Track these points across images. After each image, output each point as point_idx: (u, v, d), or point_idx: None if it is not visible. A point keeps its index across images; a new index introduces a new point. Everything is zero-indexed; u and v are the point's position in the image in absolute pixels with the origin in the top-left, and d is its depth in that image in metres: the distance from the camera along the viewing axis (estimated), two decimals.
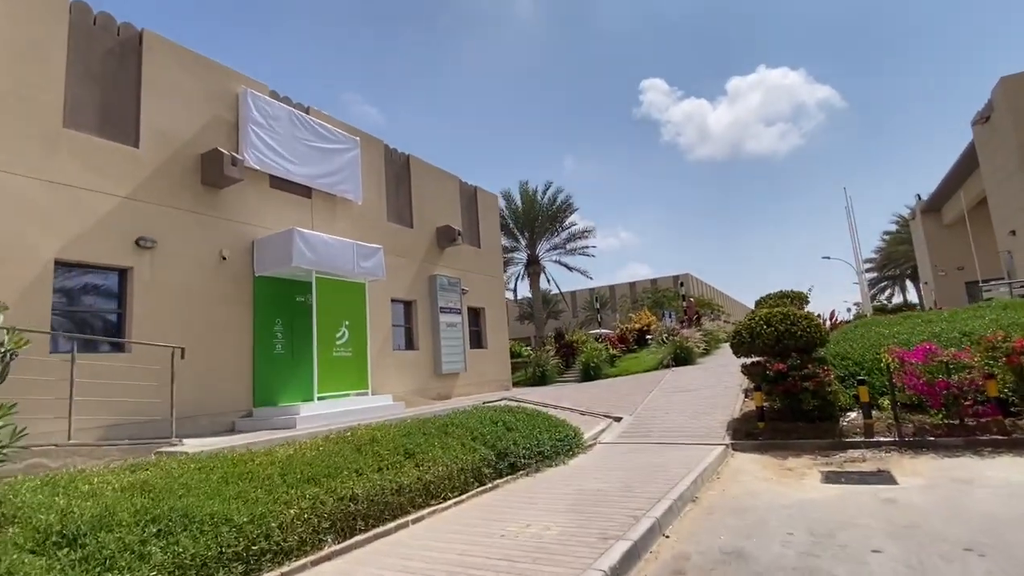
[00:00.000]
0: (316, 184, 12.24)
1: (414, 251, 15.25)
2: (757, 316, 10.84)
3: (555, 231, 29.58)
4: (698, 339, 18.95)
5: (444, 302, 15.72)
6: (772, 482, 7.07)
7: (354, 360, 11.17)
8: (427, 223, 15.91)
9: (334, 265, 10.88)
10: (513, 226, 29.41)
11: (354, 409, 10.40)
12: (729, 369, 15.40)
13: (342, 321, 11.06)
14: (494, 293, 18.75)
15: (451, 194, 17.33)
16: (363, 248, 11.60)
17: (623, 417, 11.75)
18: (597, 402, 13.33)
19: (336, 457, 5.82)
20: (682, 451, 8.80)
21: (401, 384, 13.92)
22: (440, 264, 16.19)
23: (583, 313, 64.26)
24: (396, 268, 14.41)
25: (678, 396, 13.10)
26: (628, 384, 15.84)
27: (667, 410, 11.93)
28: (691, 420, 10.96)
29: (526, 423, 8.87)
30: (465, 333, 16.56)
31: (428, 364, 15.07)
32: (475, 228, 18.49)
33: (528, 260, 29.95)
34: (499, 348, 18.58)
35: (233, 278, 10.39)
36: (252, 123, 10.90)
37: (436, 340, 15.34)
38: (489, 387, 17.50)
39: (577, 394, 14.94)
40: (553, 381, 20.76)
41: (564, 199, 29.20)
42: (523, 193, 29.31)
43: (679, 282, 24.37)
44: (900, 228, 48.92)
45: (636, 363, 20.03)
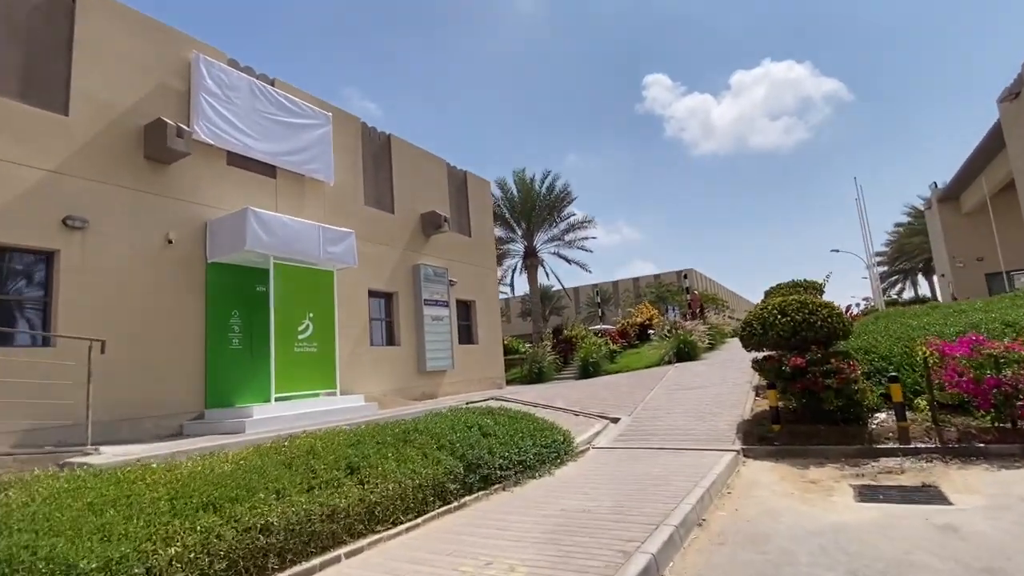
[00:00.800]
0: (280, 162, 11.11)
1: (395, 238, 14.11)
2: (770, 305, 9.65)
3: (553, 222, 28.21)
4: (702, 333, 17.75)
5: (429, 294, 14.58)
6: (794, 499, 5.91)
7: (319, 356, 10.05)
8: (410, 208, 14.77)
9: (296, 249, 9.75)
10: (509, 216, 28.08)
11: (317, 411, 9.29)
12: (737, 365, 14.20)
13: (305, 312, 9.94)
14: (486, 285, 17.61)
15: (438, 178, 16.18)
16: (331, 232, 10.47)
17: (621, 418, 10.59)
18: (594, 401, 12.17)
19: (254, 474, 4.68)
20: (686, 458, 7.63)
21: (379, 383, 12.80)
22: (425, 253, 15.05)
23: (586, 309, 63.09)
24: (375, 257, 13.29)
25: (682, 394, 11.92)
26: (628, 381, 14.67)
27: (669, 410, 10.76)
28: (696, 422, 9.79)
29: (507, 427, 7.72)
30: (453, 327, 15.42)
31: (411, 361, 13.94)
32: (465, 215, 17.33)
33: (525, 252, 28.61)
34: (491, 344, 17.44)
35: (182, 264, 9.28)
36: (205, 92, 9.77)
37: (420, 335, 14.21)
38: (480, 385, 16.36)
39: (573, 392, 13.79)
40: (550, 379, 19.61)
41: (562, 188, 27.92)
42: (519, 181, 28.04)
43: (683, 275, 23.09)
44: (913, 219, 47.41)
45: (637, 359, 18.86)
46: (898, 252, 49.70)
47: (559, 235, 28.61)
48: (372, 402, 10.59)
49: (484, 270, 17.67)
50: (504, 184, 27.96)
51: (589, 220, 28.13)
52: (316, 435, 6.13)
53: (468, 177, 17.72)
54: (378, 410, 10.50)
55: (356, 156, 13.28)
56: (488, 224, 18.53)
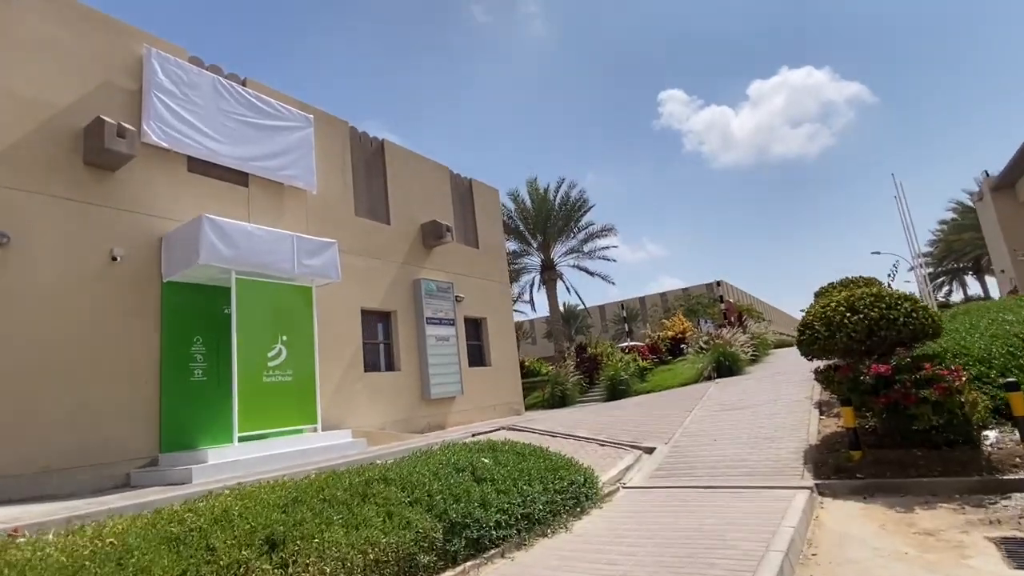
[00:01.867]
0: (252, 168, 9.87)
1: (392, 251, 12.73)
2: (834, 302, 7.86)
3: (571, 232, 26.54)
4: (744, 343, 15.78)
5: (432, 311, 13.10)
6: (912, 563, 4.12)
7: (296, 386, 8.59)
8: (409, 219, 13.41)
9: (264, 263, 8.40)
10: (523, 229, 26.52)
11: (290, 451, 7.79)
12: (789, 378, 12.26)
13: (277, 335, 8.53)
14: (498, 300, 16.07)
15: (439, 187, 14.84)
16: (307, 242, 9.11)
17: (656, 447, 8.82)
18: (623, 427, 10.41)
19: (112, 564, 3.15)
20: (747, 501, 5.87)
21: (376, 414, 11.28)
22: (427, 266, 13.63)
23: (612, 327, 60.94)
24: (368, 272, 11.91)
25: (728, 416, 10.07)
26: (663, 401, 12.83)
27: (716, 435, 8.94)
28: (751, 450, 7.97)
29: (511, 467, 6.08)
30: (461, 348, 13.88)
31: (413, 388, 12.41)
32: (471, 226, 15.91)
33: (543, 266, 26.89)
34: (506, 365, 15.80)
35: (131, 284, 7.99)
36: (158, 90, 8.62)
37: (423, 358, 12.69)
38: (495, 412, 14.70)
39: (598, 417, 12.02)
40: (574, 402, 17.81)
41: (578, 196, 26.18)
42: (532, 191, 26.49)
43: (716, 283, 21.16)
44: (959, 216, 44.42)
45: (671, 376, 16.96)
46: (945, 251, 46.50)
47: (578, 246, 26.89)
48: (361, 438, 9.05)
49: (495, 284, 16.15)
50: (516, 196, 26.64)
51: (609, 228, 26.41)
52: (242, 491, 4.59)
53: (474, 185, 16.36)
54: (367, 447, 8.95)
55: (344, 162, 12.03)
56: (498, 234, 17.08)
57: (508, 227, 25.68)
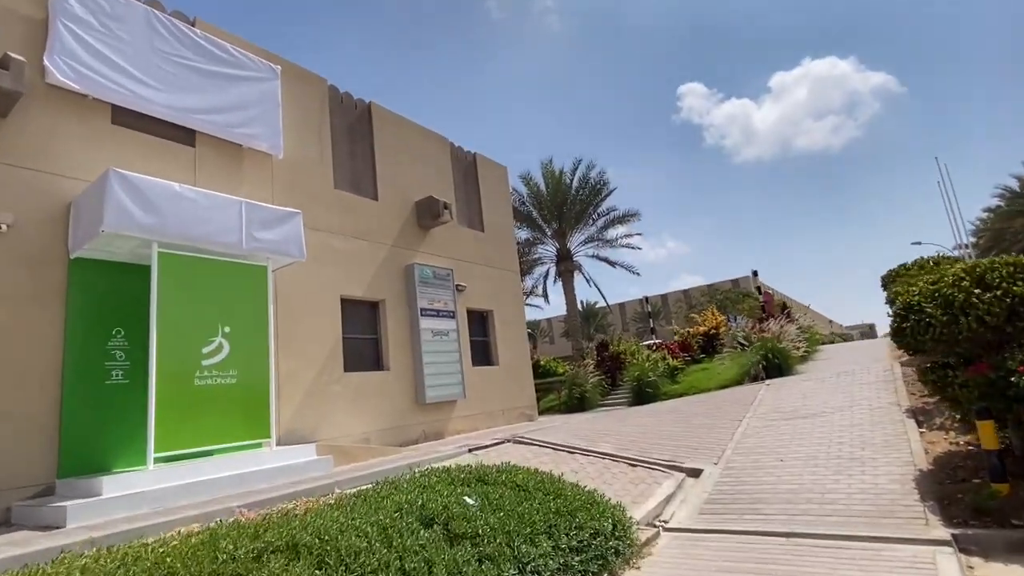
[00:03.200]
0: (199, 123, 8.08)
1: (380, 231, 10.88)
2: (950, 276, 5.77)
3: (589, 218, 24.26)
4: (795, 337, 13.58)
5: (428, 301, 11.21)
6: None
7: (241, 391, 6.75)
8: (400, 195, 11.55)
9: (200, 234, 6.58)
10: (537, 215, 24.25)
11: (224, 478, 5.96)
12: (859, 378, 10.09)
13: (217, 327, 6.70)
14: (506, 290, 14.12)
15: (437, 160, 12.95)
16: (261, 210, 7.28)
17: (703, 469, 6.82)
18: (657, 440, 8.41)
19: None
20: (860, 569, 3.85)
21: (359, 422, 9.43)
22: (422, 250, 11.75)
23: (634, 325, 58.64)
24: (350, 254, 10.08)
25: (792, 427, 8.00)
26: (701, 407, 10.77)
27: (781, 453, 6.89)
28: (836, 476, 5.93)
29: (506, 511, 4.16)
30: (463, 345, 11.97)
31: (405, 390, 10.53)
32: (476, 207, 14.00)
33: (558, 256, 24.57)
34: (517, 365, 13.85)
35: (24, 261, 6.24)
36: (66, 18, 6.86)
37: (416, 355, 10.81)
38: (503, 418, 12.77)
39: (625, 426, 10.02)
40: (595, 405, 15.79)
41: (598, 177, 23.43)
42: (547, 174, 24.11)
43: (752, 272, 18.92)
44: (1005, 202, 41.18)
45: (706, 376, 14.85)
46: (993, 240, 43.17)
47: (597, 234, 24.42)
48: (328, 455, 7.18)
49: (503, 272, 14.21)
50: (529, 179, 24.30)
51: (632, 213, 24.01)
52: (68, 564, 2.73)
53: (479, 160, 14.44)
54: (334, 468, 7.08)
55: (321, 126, 10.20)
56: (506, 217, 15.12)
57: (520, 214, 23.53)
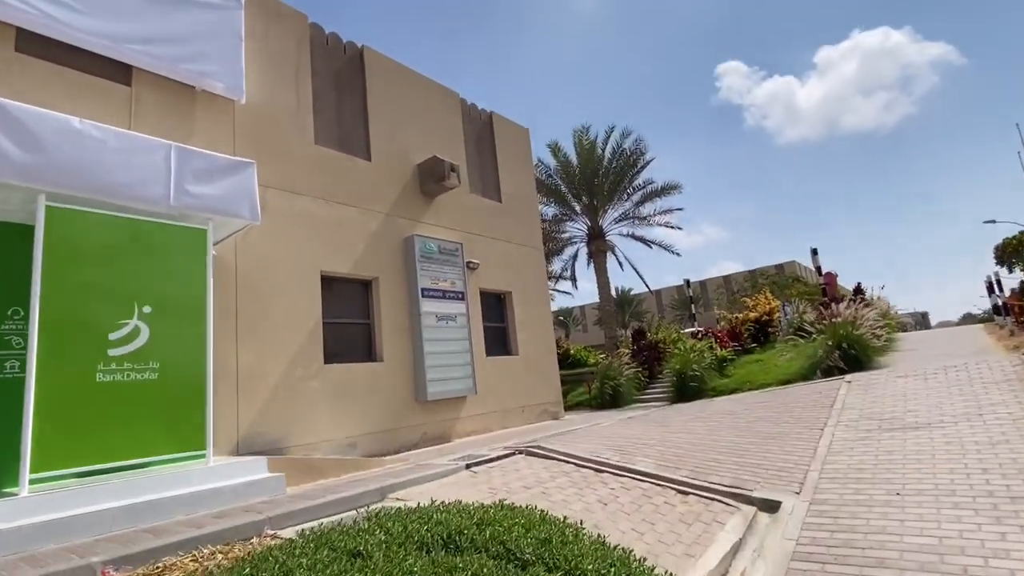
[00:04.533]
0: (135, 55, 6.54)
1: (373, 196, 9.22)
2: None
3: (623, 192, 21.69)
4: (873, 322, 11.22)
5: (431, 280, 9.52)
6: None
7: (164, 389, 5.20)
8: (399, 155, 9.86)
9: (105, 184, 5.03)
10: (566, 189, 21.94)
11: (124, 507, 4.41)
12: (973, 373, 7.88)
13: (132, 305, 5.15)
14: (527, 269, 12.32)
15: (445, 118, 11.19)
16: (198, 158, 5.67)
17: (781, 502, 4.91)
18: (713, 453, 6.51)
19: None
20: None
21: (342, 424, 7.84)
22: (426, 220, 10.05)
23: (672, 312, 56.01)
24: (335, 223, 8.46)
25: (902, 442, 5.94)
26: (764, 409, 8.77)
27: (893, 481, 4.90)
28: (998, 527, 3.95)
29: None
30: (475, 332, 10.26)
31: (402, 385, 8.89)
32: (491, 172, 12.20)
33: (589, 234, 22.17)
34: (539, 354, 12.07)
35: None
36: None
37: (416, 343, 9.15)
38: (523, 417, 11.04)
39: (669, 432, 8.14)
40: (630, 401, 13.89)
41: (633, 146, 21.00)
42: (578, 143, 21.54)
43: (812, 250, 16.46)
44: None
45: (762, 369, 12.74)
46: None
47: (632, 209, 22.01)
48: (280, 473, 5.56)
49: (525, 249, 12.40)
50: (557, 149, 21.77)
51: (673, 186, 21.51)
52: None
53: (496, 121, 12.61)
54: (288, 490, 5.48)
55: (300, 69, 8.56)
56: (528, 186, 13.26)
57: (547, 188, 21.44)
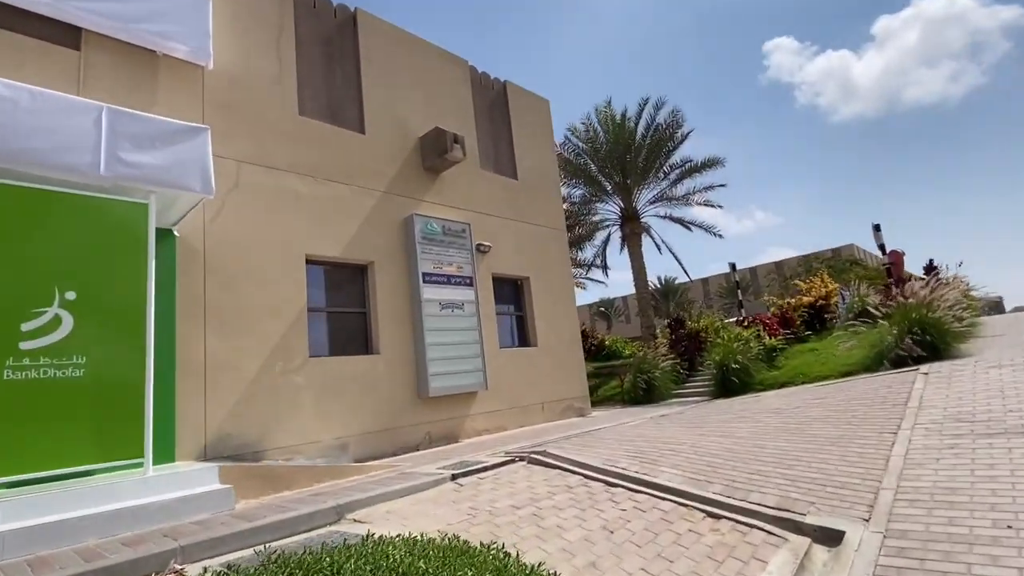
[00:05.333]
0: (81, 15, 5.86)
1: (368, 173, 8.37)
2: None
3: (659, 170, 19.71)
4: (954, 304, 9.51)
5: (433, 263, 8.61)
6: None
7: (93, 388, 4.47)
8: (398, 128, 8.97)
9: (19, 149, 4.32)
10: (595, 169, 20.10)
11: (13, 531, 3.67)
12: None
13: (51, 290, 4.43)
14: (547, 252, 11.24)
15: (452, 87, 10.22)
16: (135, 121, 4.91)
17: (843, 532, 3.73)
18: (752, 463, 5.30)
19: None
20: None
21: (331, 424, 7.03)
22: (429, 199, 9.13)
23: (719, 301, 53.44)
24: (324, 202, 7.65)
25: (1007, 452, 4.58)
26: (820, 406, 7.44)
27: (1000, 506, 3.61)
28: None
29: None
30: (488, 321, 9.29)
31: (401, 381, 8.03)
32: (506, 147, 11.16)
33: (622, 217, 20.38)
34: (562, 345, 11.00)
35: None
36: None
37: (417, 333, 8.26)
38: (542, 414, 10.02)
39: (704, 435, 6.95)
40: (667, 396, 12.63)
41: (668, 118, 18.80)
42: (604, 119, 19.19)
43: (875, 226, 14.57)
44: None
45: (818, 359, 11.23)
46: None
47: (668, 189, 20.14)
48: (228, 486, 4.76)
49: (544, 231, 11.33)
50: (588, 125, 19.76)
51: (714, 160, 19.49)
52: None
53: (510, 90, 11.54)
54: (238, 507, 4.67)
55: (282, 34, 7.77)
56: (548, 161, 12.14)
57: (574, 166, 19.95)
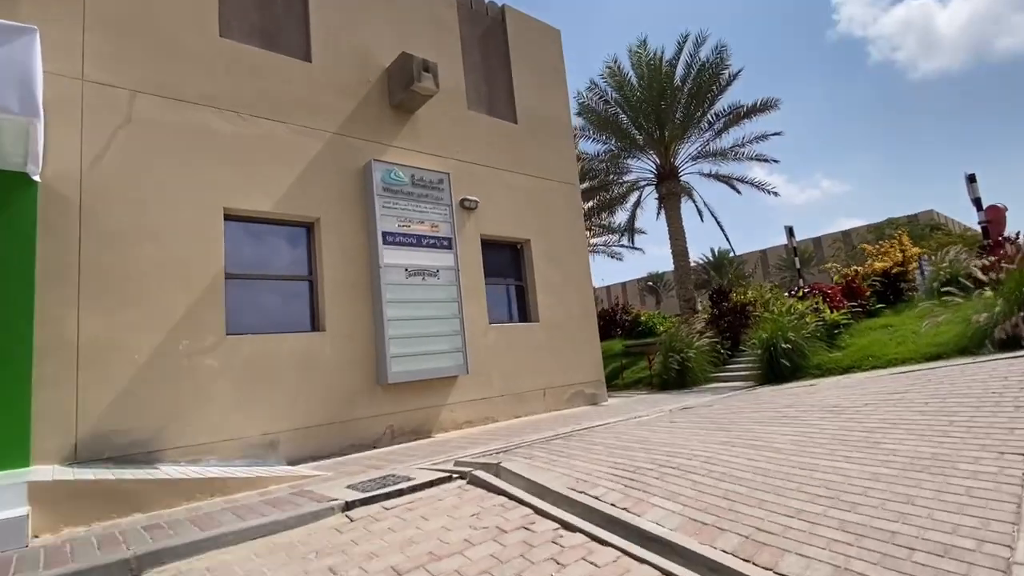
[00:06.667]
0: None
1: (314, 110, 6.85)
2: None
3: (702, 119, 16.76)
4: None
5: (399, 222, 7.05)
6: None
7: None
8: (357, 56, 7.38)
9: None
10: (626, 120, 17.27)
11: None
12: None
13: None
14: (556, 211, 9.46)
15: (431, 8, 8.49)
16: None
17: None
18: (785, 492, 3.47)
19: None
20: None
21: (256, 416, 5.68)
22: (397, 143, 7.54)
23: (778, 274, 49.60)
24: (251, 144, 6.21)
25: None
26: (894, 402, 5.42)
27: None
28: None
29: None
30: (470, 290, 7.70)
31: (355, 362, 6.58)
32: (502, 84, 9.37)
33: (658, 175, 17.62)
34: (570, 320, 9.27)
35: None
36: None
37: (376, 307, 6.77)
38: (543, 402, 8.40)
39: (726, 441, 5.10)
40: (703, 380, 10.69)
41: (712, 57, 15.77)
42: (638, 61, 16.31)
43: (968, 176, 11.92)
44: None
45: (893, 338, 8.99)
46: None
47: (712, 140, 17.23)
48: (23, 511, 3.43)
49: (550, 184, 9.53)
50: (615, 69, 16.72)
51: (768, 102, 16.17)
52: None
53: (510, 17, 9.69)
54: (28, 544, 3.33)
55: None
56: (557, 103, 10.22)
57: (600, 118, 17.61)
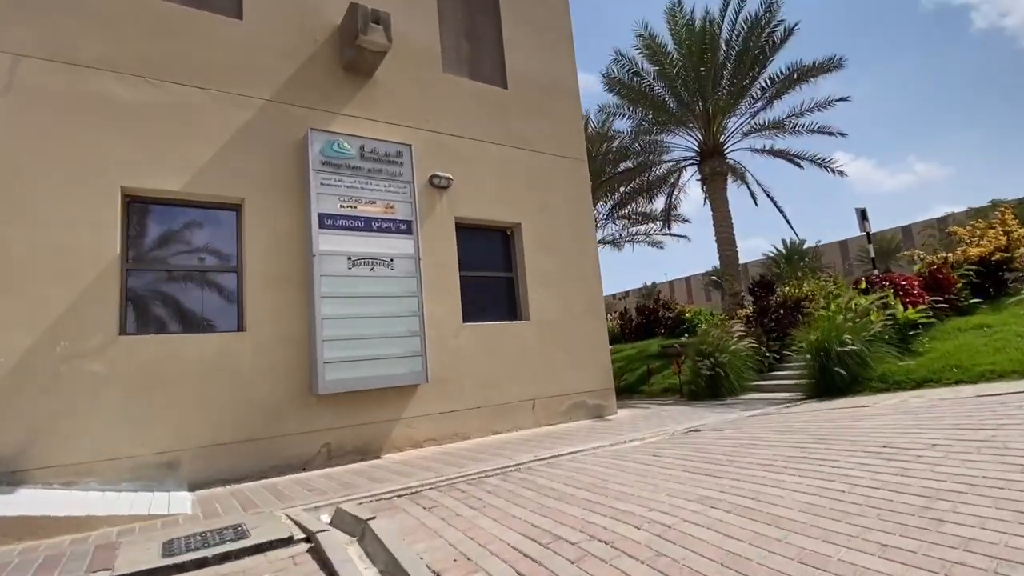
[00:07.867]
0: None
1: (246, 74, 5.86)
2: None
3: (752, 87, 14.27)
4: None
5: (341, 202, 5.95)
6: None
7: None
8: (298, 10, 6.35)
9: None
10: (662, 90, 14.73)
11: None
12: None
13: None
14: (554, 190, 8.06)
15: None
16: None
17: None
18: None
19: None
20: None
21: (147, 432, 4.76)
22: (348, 111, 6.44)
23: (860, 267, 45.07)
24: (162, 115, 5.31)
25: None
26: (981, 449, 3.70)
27: None
28: None
29: None
30: (440, 283, 6.50)
31: (283, 368, 5.55)
32: (490, 41, 8.06)
33: (700, 152, 15.12)
34: (570, 319, 7.85)
35: None
36: None
37: (310, 301, 5.71)
38: (532, 416, 7.07)
39: (703, 503, 3.59)
40: (741, 390, 8.95)
41: (761, 14, 13.41)
42: (677, 27, 14.06)
43: None
44: None
45: (989, 344, 6.92)
46: None
47: (764, 109, 14.64)
48: None
49: (548, 159, 8.14)
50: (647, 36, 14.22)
51: (831, 62, 13.48)
52: None
53: None
54: None
55: None
56: (561, 63, 8.71)
57: (635, 91, 15.31)
